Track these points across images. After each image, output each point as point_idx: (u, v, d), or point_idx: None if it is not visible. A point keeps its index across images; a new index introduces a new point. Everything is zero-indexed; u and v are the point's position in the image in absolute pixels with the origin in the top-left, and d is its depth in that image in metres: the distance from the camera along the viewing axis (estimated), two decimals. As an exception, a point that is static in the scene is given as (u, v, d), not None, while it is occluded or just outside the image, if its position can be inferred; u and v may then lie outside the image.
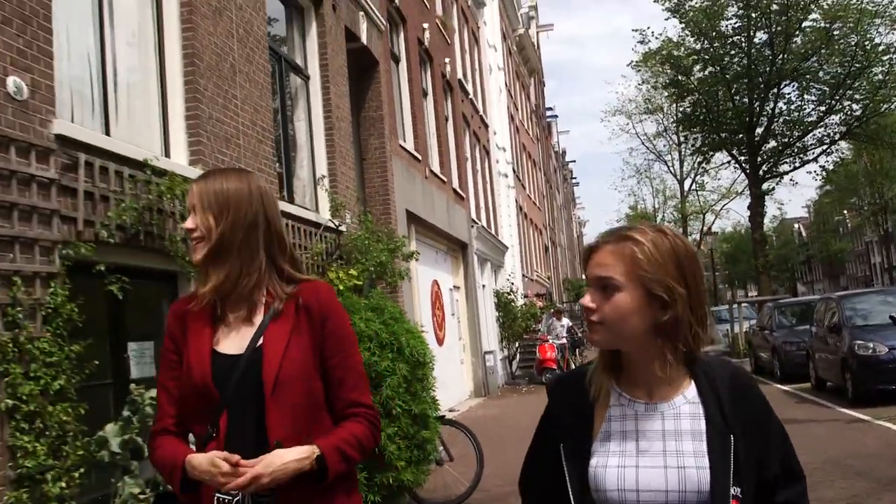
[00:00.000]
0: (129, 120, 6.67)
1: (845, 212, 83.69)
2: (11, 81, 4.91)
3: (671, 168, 50.29)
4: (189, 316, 2.44)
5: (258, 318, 2.41)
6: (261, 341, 2.36)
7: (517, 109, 38.61)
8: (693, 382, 1.93)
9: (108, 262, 5.57)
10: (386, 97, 14.22)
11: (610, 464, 1.89)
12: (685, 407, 1.91)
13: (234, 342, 2.39)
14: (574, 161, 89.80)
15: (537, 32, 52.25)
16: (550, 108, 66.92)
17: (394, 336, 7.30)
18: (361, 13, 12.96)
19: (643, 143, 54.63)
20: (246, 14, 8.52)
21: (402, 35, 16.52)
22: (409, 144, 15.97)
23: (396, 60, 16.04)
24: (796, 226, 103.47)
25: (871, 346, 13.25)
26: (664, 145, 42.40)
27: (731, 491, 1.83)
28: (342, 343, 2.43)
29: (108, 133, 6.21)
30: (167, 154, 6.97)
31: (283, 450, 2.22)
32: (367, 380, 2.52)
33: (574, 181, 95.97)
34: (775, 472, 1.94)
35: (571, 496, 1.92)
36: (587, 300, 1.89)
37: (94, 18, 6.34)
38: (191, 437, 2.44)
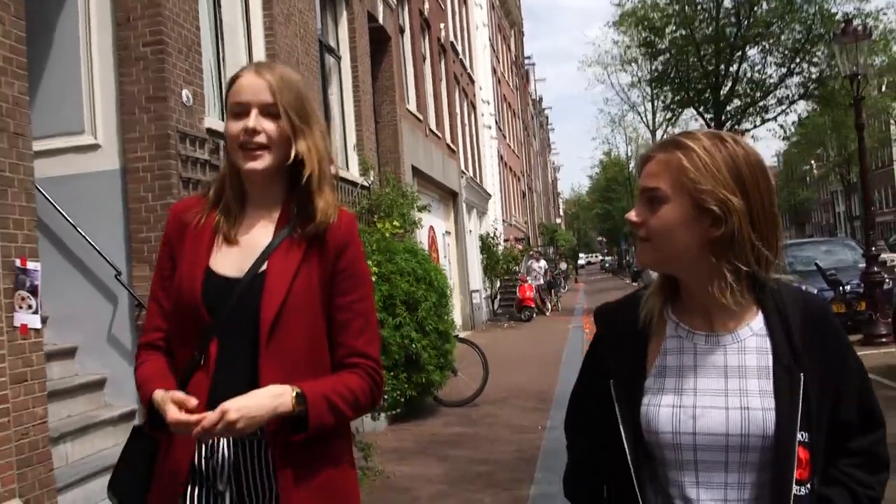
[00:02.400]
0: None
1: (812, 162, 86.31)
2: (184, 93, 7.15)
3: (644, 118, 52.54)
4: (190, 221, 2.17)
5: (265, 238, 2.13)
6: (264, 266, 2.09)
7: (499, 62, 40.64)
8: (760, 312, 1.74)
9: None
10: (396, 67, 16.40)
11: (664, 402, 1.72)
12: (751, 340, 1.72)
13: (234, 261, 2.12)
14: (550, 108, 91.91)
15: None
16: (528, 57, 68.89)
17: (425, 271, 9.68)
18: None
19: (618, 94, 56.77)
20: (304, 16, 10.71)
21: (406, 8, 18.62)
22: (413, 107, 18.18)
23: (402, 32, 18.16)
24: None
25: (804, 288, 15.75)
26: (638, 96, 44.64)
27: (799, 436, 1.64)
28: (355, 282, 2.14)
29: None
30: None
31: (257, 389, 1.97)
32: (376, 328, 2.23)
33: (550, 127, 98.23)
34: (851, 416, 1.74)
35: (624, 438, 1.74)
36: (632, 214, 1.74)
37: (215, 39, 8.55)
38: None
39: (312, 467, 2.05)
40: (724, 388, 1.69)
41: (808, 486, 1.64)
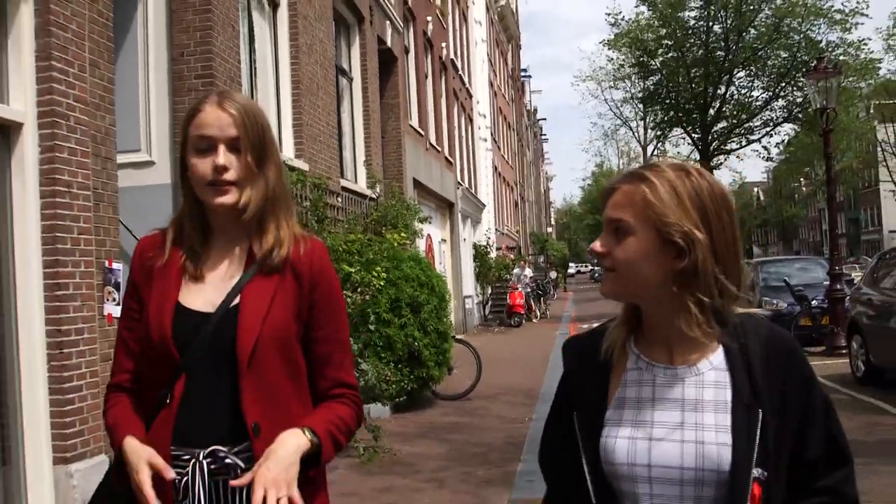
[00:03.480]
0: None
1: (801, 179, 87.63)
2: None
3: (636, 134, 53.89)
4: (156, 258, 2.14)
5: (236, 271, 2.12)
6: (237, 300, 2.06)
7: (496, 76, 41.86)
8: (720, 346, 1.70)
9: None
10: (401, 86, 17.59)
11: (621, 434, 1.70)
12: (710, 373, 1.69)
13: (205, 297, 2.09)
14: (545, 119, 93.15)
15: (516, -1, 55.40)
16: (524, 70, 70.12)
17: (428, 278, 10.84)
18: (388, 22, 16.28)
19: (611, 110, 58.02)
20: (324, 45, 11.87)
21: (411, 30, 19.80)
22: (415, 122, 19.36)
23: (406, 52, 19.33)
24: (755, 190, 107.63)
25: (775, 302, 17.00)
26: (630, 111, 45.96)
27: (754, 472, 1.61)
28: (332, 313, 2.16)
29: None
30: (281, 150, 10.36)
31: (276, 446, 1.94)
32: (352, 356, 2.31)
33: (544, 137, 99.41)
34: (816, 454, 1.69)
35: (586, 470, 1.73)
36: (596, 244, 1.72)
37: (248, 70, 9.70)
38: None
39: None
40: (680, 421, 1.67)
41: None
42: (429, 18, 21.62)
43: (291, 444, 1.94)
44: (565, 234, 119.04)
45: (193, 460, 1.97)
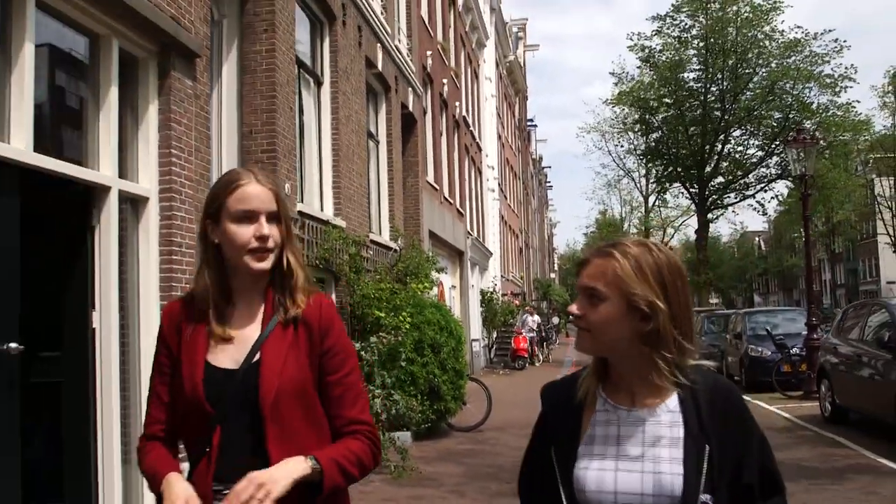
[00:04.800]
0: (313, 193, 11.67)
1: (801, 230, 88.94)
2: (286, 186, 9.89)
3: (637, 185, 55.70)
4: (184, 321, 2.37)
5: (255, 331, 2.33)
6: (258, 356, 2.28)
7: (503, 128, 43.64)
8: (675, 392, 2.01)
9: (315, 276, 10.59)
10: (419, 145, 19.25)
11: (591, 466, 2.00)
12: (665, 415, 1.99)
13: (229, 355, 2.31)
14: (549, 167, 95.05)
15: (524, 52, 57.41)
16: (531, 120, 72.07)
17: (447, 322, 12.39)
18: (410, 89, 17.98)
19: (614, 161, 59.80)
20: (359, 115, 13.53)
21: (429, 93, 21.52)
22: (431, 178, 21.01)
23: (424, 113, 21.02)
24: (757, 239, 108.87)
25: (760, 350, 18.51)
26: (633, 163, 47.87)
27: (702, 498, 1.90)
28: (342, 358, 2.37)
29: (307, 203, 11.20)
30: (322, 209, 11.95)
31: (276, 465, 2.17)
32: (366, 396, 2.46)
33: (548, 185, 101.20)
34: (754, 482, 1.99)
35: (563, 497, 2.02)
36: (574, 307, 2.02)
37: (297, 142, 11.33)
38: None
39: None
40: (641, 454, 1.96)
41: None
42: (444, 81, 23.36)
43: (289, 465, 2.16)
44: (568, 280, 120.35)
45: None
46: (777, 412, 14.73)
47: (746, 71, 32.20)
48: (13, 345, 5.24)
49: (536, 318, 33.94)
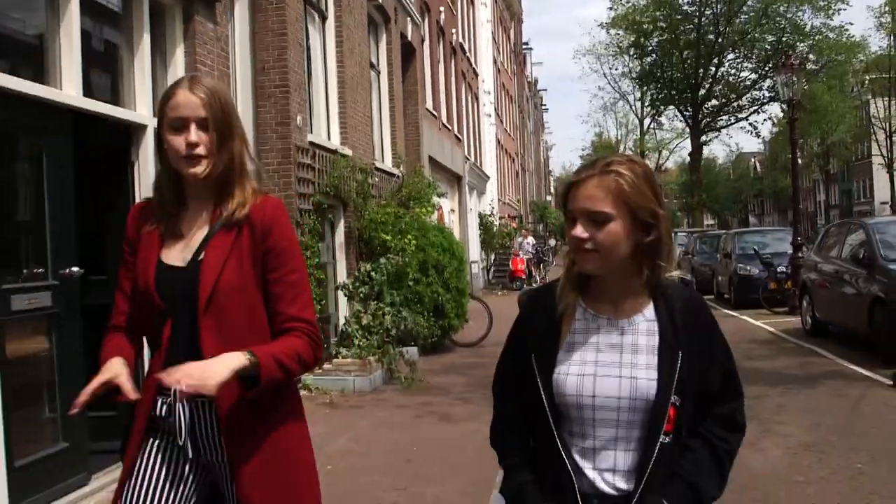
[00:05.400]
0: (321, 124, 12.28)
1: (798, 150, 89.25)
2: (298, 118, 10.51)
3: (633, 107, 56.03)
4: (144, 222, 2.52)
5: (203, 230, 2.46)
6: (203, 254, 2.41)
7: (499, 53, 43.81)
8: (651, 302, 2.13)
9: (325, 202, 11.27)
10: (418, 74, 19.74)
11: (571, 372, 2.10)
12: (643, 324, 2.12)
13: (179, 253, 2.46)
14: (545, 90, 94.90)
15: (519, -26, 57.16)
16: (526, 43, 71.91)
17: (450, 244, 13.13)
18: (409, 19, 18.42)
19: (609, 84, 60.09)
20: (362, 48, 14.05)
21: (426, 21, 21.89)
22: (430, 105, 21.53)
23: (422, 42, 21.44)
24: (752, 160, 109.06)
25: (748, 268, 19.30)
26: (628, 85, 48.25)
27: (672, 398, 2.05)
28: (283, 257, 2.44)
29: (315, 133, 11.82)
30: (329, 139, 12.57)
31: (209, 360, 2.27)
32: (308, 295, 2.52)
33: (544, 108, 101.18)
34: (717, 387, 2.16)
35: (545, 401, 2.12)
36: (579, 231, 2.03)
37: (305, 76, 11.90)
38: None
39: (256, 428, 2.38)
40: (618, 361, 2.09)
41: (672, 436, 2.07)
42: (441, 8, 23.71)
43: (224, 358, 2.25)
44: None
45: (177, 388, 2.25)
46: (763, 326, 15.57)
47: (738, -1, 32.61)
48: (75, 269, 5.96)
49: (531, 239, 34.73)
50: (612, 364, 2.10)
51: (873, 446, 6.87)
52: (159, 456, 2.43)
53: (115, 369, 2.37)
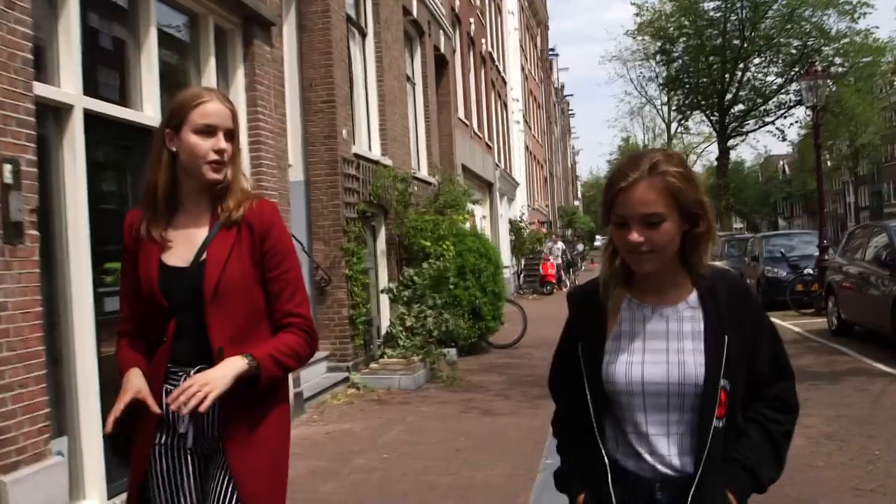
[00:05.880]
0: (363, 135, 12.89)
1: (827, 153, 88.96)
2: (343, 132, 11.12)
3: (660, 112, 56.37)
4: (140, 227, 2.63)
5: (202, 233, 2.60)
6: (205, 255, 2.57)
7: (526, 60, 44.40)
8: (695, 290, 2.17)
9: (368, 210, 11.88)
10: (451, 84, 20.35)
11: (620, 360, 2.16)
12: (687, 311, 2.16)
13: (180, 255, 2.59)
14: (571, 95, 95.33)
15: (545, -19, 57.70)
16: (552, 49, 72.44)
17: (486, 250, 13.70)
18: (441, 31, 19.03)
19: (636, 88, 60.40)
20: (398, 62, 14.66)
21: (457, 32, 22.51)
22: (462, 114, 22.13)
23: (454, 52, 22.04)
24: (781, 163, 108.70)
25: (776, 271, 19.73)
26: (655, 90, 48.65)
27: (721, 383, 2.08)
28: (280, 257, 2.60)
29: (358, 145, 12.43)
30: (371, 150, 13.17)
31: (213, 368, 2.46)
32: (304, 292, 2.70)
33: (570, 112, 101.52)
34: (766, 369, 2.20)
35: (587, 388, 2.21)
36: (636, 236, 2.05)
37: (356, 92, 12.51)
38: None
39: (252, 414, 2.58)
40: (665, 347, 2.14)
41: (725, 420, 2.12)
42: (471, 20, 24.33)
43: (227, 364, 2.46)
44: (592, 207, 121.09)
45: (184, 375, 2.55)
46: (790, 327, 16.01)
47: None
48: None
49: (560, 244, 35.25)
50: (660, 350, 2.15)
51: (890, 435, 7.36)
52: (171, 449, 2.61)
53: (137, 385, 2.56)
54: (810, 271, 18.35)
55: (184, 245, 2.60)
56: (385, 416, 9.08)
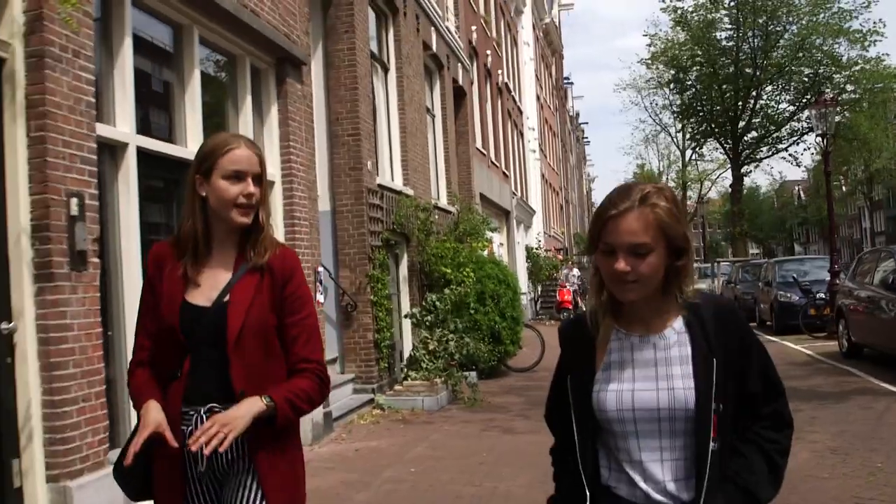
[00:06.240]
0: (385, 166, 13.42)
1: (842, 178, 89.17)
2: (368, 163, 11.63)
3: (674, 139, 56.88)
4: (167, 262, 2.71)
5: (227, 275, 2.68)
6: (228, 297, 2.64)
7: (541, 89, 44.96)
8: (680, 316, 2.19)
9: (392, 238, 12.38)
10: (468, 115, 20.91)
11: (610, 388, 2.19)
12: (674, 337, 2.18)
13: (203, 294, 2.66)
14: (587, 123, 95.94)
15: (559, 11, 58.40)
16: (567, 78, 73.07)
17: (505, 276, 14.17)
18: (459, 64, 19.61)
19: (650, 116, 60.96)
20: (419, 95, 15.22)
21: (475, 65, 23.10)
22: (479, 144, 22.67)
23: (471, 84, 22.62)
24: (796, 188, 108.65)
25: (789, 295, 20.09)
26: (669, 117, 49.19)
27: (713, 406, 2.10)
28: (299, 303, 2.69)
29: (382, 176, 12.95)
30: (393, 180, 13.69)
31: (232, 408, 2.53)
32: (319, 338, 2.78)
33: (585, 140, 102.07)
34: (757, 388, 2.20)
35: (574, 419, 2.24)
36: (623, 265, 2.07)
37: (379, 124, 13.05)
38: None
39: (274, 448, 2.65)
40: (654, 374, 2.17)
41: (718, 442, 2.13)
42: (488, 52, 24.93)
43: (246, 404, 2.53)
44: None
45: (196, 415, 2.60)
46: (802, 350, 16.37)
47: (777, 28, 33.47)
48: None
49: (576, 271, 35.66)
50: (649, 378, 2.18)
51: (891, 448, 7.75)
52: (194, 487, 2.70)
53: (156, 418, 2.60)
54: (822, 295, 18.69)
55: (208, 285, 2.68)
56: (410, 434, 9.52)
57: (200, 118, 7.38)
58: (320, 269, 9.53)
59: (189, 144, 7.22)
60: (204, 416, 2.59)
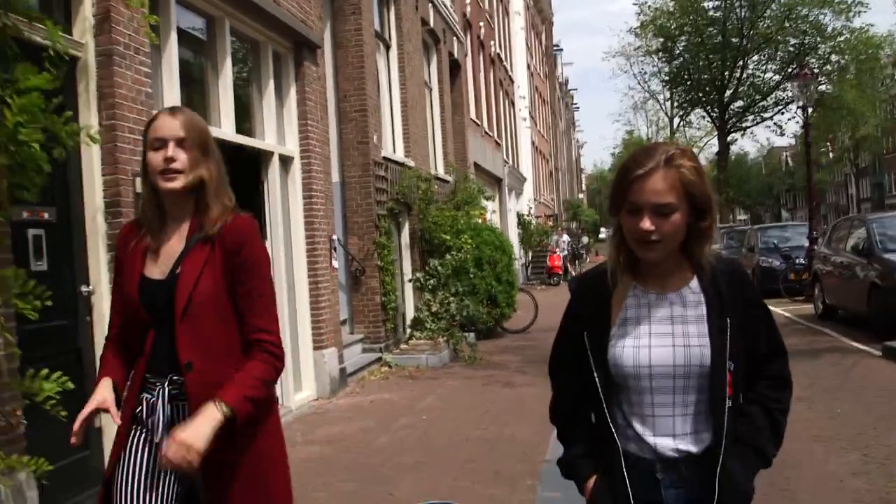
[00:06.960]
0: (388, 139, 14.19)
1: (828, 144, 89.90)
2: (374, 137, 12.41)
3: (662, 106, 57.54)
4: (130, 240, 2.74)
5: (181, 245, 2.67)
6: (180, 268, 2.63)
7: (532, 57, 45.53)
8: (696, 276, 2.24)
9: (396, 207, 13.18)
10: (463, 86, 21.63)
11: (626, 344, 2.23)
12: (690, 296, 2.24)
13: (159, 268, 2.67)
14: (575, 89, 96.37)
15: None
16: (556, 45, 73.48)
17: (500, 242, 15.02)
18: (454, 38, 20.31)
19: (639, 84, 61.45)
20: (419, 70, 15.96)
21: (468, 37, 23.77)
22: (473, 114, 23.41)
23: (465, 56, 23.30)
24: (784, 154, 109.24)
25: (770, 261, 21.01)
26: (657, 85, 49.84)
27: (727, 364, 2.18)
28: (251, 273, 2.64)
29: (385, 148, 13.72)
30: (395, 152, 14.46)
31: (195, 418, 2.47)
32: (274, 307, 2.74)
33: (575, 106, 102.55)
34: (763, 347, 2.31)
35: (596, 375, 2.26)
36: (647, 224, 2.11)
37: (382, 99, 13.81)
38: None
39: (236, 443, 2.60)
40: (670, 331, 2.21)
41: (732, 399, 2.22)
42: (481, 24, 25.61)
43: (204, 420, 2.47)
44: (596, 200, 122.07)
45: (160, 387, 2.65)
46: (781, 312, 17.25)
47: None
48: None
49: (566, 237, 36.57)
50: (665, 335, 2.22)
51: (853, 398, 8.67)
52: (143, 450, 2.67)
53: (103, 395, 2.67)
54: (801, 261, 19.61)
55: (164, 258, 2.69)
56: (418, 388, 10.40)
57: (232, 102, 8.15)
58: (334, 237, 10.34)
59: (222, 126, 7.99)
60: (167, 389, 2.65)
